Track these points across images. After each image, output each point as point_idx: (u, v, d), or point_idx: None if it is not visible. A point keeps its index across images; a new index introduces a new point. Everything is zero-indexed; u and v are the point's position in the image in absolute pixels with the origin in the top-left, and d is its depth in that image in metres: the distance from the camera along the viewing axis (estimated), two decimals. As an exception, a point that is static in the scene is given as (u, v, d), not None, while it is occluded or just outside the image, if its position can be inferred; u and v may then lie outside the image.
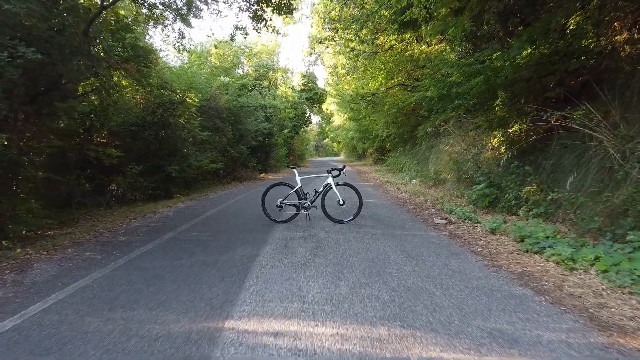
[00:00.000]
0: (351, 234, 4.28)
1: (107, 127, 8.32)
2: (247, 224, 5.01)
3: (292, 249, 3.63)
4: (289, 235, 4.25)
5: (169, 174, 8.68)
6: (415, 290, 2.51)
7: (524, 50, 4.43)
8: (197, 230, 4.72)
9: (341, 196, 4.91)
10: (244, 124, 13.55)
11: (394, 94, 12.73)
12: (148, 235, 4.49)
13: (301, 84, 26.23)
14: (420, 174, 10.65)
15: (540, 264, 3.02)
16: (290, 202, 5.03)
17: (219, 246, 3.82)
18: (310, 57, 22.03)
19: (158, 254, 3.60)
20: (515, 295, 2.39)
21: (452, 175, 8.30)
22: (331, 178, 4.93)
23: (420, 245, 3.74)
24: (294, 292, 2.49)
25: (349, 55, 11.05)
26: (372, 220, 5.09)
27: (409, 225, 4.83)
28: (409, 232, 4.35)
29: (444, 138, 9.85)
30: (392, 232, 4.34)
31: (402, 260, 3.21)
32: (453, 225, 4.74)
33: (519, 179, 5.16)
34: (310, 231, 4.46)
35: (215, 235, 4.34)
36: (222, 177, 13.33)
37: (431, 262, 3.15)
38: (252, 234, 4.40)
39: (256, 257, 3.39)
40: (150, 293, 2.56)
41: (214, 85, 11.13)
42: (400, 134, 14.69)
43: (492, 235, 4.06)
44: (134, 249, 3.83)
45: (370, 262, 3.17)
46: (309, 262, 3.20)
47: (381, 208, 6.34)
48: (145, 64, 6.35)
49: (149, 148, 8.92)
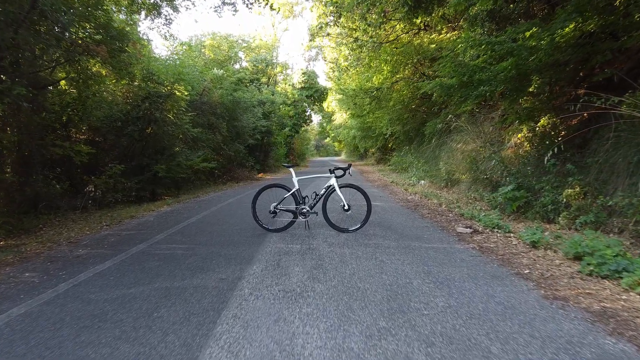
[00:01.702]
0: (359, 247, 3.50)
1: (86, 121, 7.57)
2: (235, 233, 4.23)
3: (285, 269, 2.85)
4: (283, 249, 3.47)
5: (155, 173, 7.91)
6: (460, 342, 1.72)
7: (568, 24, 3.64)
8: (174, 241, 3.94)
9: (346, 200, 4.13)
10: (240, 121, 12.77)
11: (400, 88, 11.94)
12: (113, 248, 3.71)
13: (301, 82, 25.42)
14: (429, 174, 9.86)
15: (621, 296, 2.23)
16: (286, 207, 4.25)
17: (193, 265, 3.04)
18: (311, 51, 21.21)
19: (113, 276, 2.82)
20: (613, 356, 1.61)
21: (467, 175, 7.51)
22: (334, 179, 4.15)
23: (447, 263, 2.96)
24: (283, 347, 1.71)
25: (352, 46, 10.26)
26: (383, 229, 4.30)
27: (427, 234, 4.04)
28: (430, 245, 3.56)
29: (456, 135, 9.06)
30: (409, 245, 3.55)
31: (430, 287, 2.43)
32: (480, 235, 3.95)
33: (556, 180, 4.37)
34: (310, 243, 3.68)
35: (193, 249, 3.56)
36: (217, 177, 12.57)
37: (469, 290, 2.37)
38: (238, 246, 3.62)
39: (239, 281, 2.61)
40: (74, 347, 1.78)
41: (207, 78, 10.34)
42: (406, 132, 13.89)
43: (534, 250, 3.27)
44: (88, 267, 3.05)
45: (387, 290, 2.39)
46: (307, 290, 2.42)
47: (391, 213, 5.56)
48: (120, 47, 5.57)
49: (133, 145, 8.16)
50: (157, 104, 7.93)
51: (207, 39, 16.69)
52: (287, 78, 26.65)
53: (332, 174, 4.17)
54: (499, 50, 3.87)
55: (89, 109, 7.29)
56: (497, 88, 4.48)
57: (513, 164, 5.99)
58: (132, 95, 8.20)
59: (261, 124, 14.71)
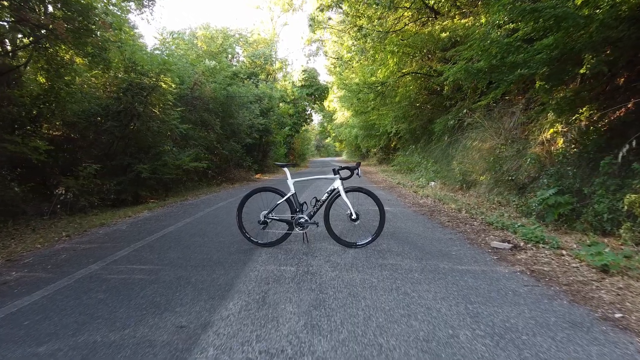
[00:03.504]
0: (372, 270, 2.69)
1: (60, 116, 6.76)
2: (215, 249, 3.42)
3: (273, 310, 2.04)
4: (273, 273, 2.66)
5: (138, 174, 7.10)
6: None
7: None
8: (137, 260, 3.13)
9: (353, 207, 3.32)
10: (236, 118, 11.96)
11: (406, 83, 11.13)
12: (56, 270, 2.90)
13: (302, 79, 24.59)
14: (439, 174, 9.04)
15: None
16: (279, 216, 3.44)
17: (148, 300, 2.23)
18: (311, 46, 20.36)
19: (30, 319, 2.01)
20: None
21: (486, 176, 6.70)
22: (339, 181, 3.34)
23: (497, 298, 2.14)
24: None
25: (356, 35, 9.45)
26: (398, 242, 3.49)
27: (454, 250, 3.23)
28: (463, 266, 2.75)
29: (470, 132, 8.25)
30: (436, 267, 2.74)
31: (488, 347, 1.61)
32: (524, 252, 3.14)
33: (613, 183, 3.55)
34: (308, 264, 2.87)
35: (157, 272, 2.75)
36: (211, 178, 11.77)
37: (547, 352, 1.55)
38: (215, 268, 2.81)
39: (203, 331, 1.80)
40: None
41: (198, 70, 9.53)
42: (412, 130, 13.08)
43: (608, 278, 2.45)
44: (5, 302, 2.25)
45: (424, 351, 1.58)
46: (303, 351, 1.61)
47: (403, 220, 4.75)
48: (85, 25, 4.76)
49: (114, 143, 7.36)
50: (140, 96, 7.13)
51: (199, 27, 15.81)
52: (287, 76, 25.83)
53: (336, 175, 3.36)
54: (547, 17, 3.04)
55: (62, 101, 6.49)
56: (538, 70, 3.66)
57: (544, 163, 5.18)
58: (114, 88, 7.41)
59: (259, 122, 13.89)
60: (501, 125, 7.22)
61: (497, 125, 7.33)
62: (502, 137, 6.85)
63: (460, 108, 8.57)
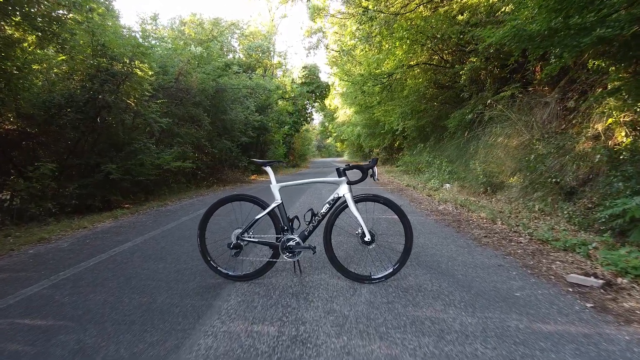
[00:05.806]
0: (401, 332, 1.63)
1: (14, 107, 5.74)
2: (166, 285, 2.37)
3: None
4: (240, 338, 1.60)
5: (107, 175, 6.06)
6: None
7: None
8: (41, 307, 2.08)
9: (367, 224, 2.26)
10: (229, 114, 10.92)
11: (416, 75, 10.07)
12: None
13: (302, 76, 23.53)
14: (456, 175, 7.97)
15: None
16: (258, 237, 2.39)
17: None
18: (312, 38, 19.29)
19: None
20: None
21: (518, 177, 5.63)
22: (346, 186, 2.29)
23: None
24: None
25: (362, 19, 8.42)
26: (429, 271, 2.44)
27: (516, 289, 2.17)
28: (547, 326, 1.69)
29: (493, 127, 7.18)
30: (504, 326, 1.68)
31: None
32: (627, 294, 2.07)
33: None
34: (299, 318, 1.81)
35: (47, 340, 1.70)
36: (201, 180, 10.73)
37: None
38: (146, 329, 1.75)
39: None
40: None
41: (183, 58, 8.49)
42: (421, 127, 12.01)
43: None
44: None
45: None
46: None
47: (426, 234, 3.70)
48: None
49: (80, 139, 6.33)
50: (109, 84, 6.09)
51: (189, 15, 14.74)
52: (287, 73, 24.79)
53: (342, 178, 2.31)
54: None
55: (14, 89, 5.47)
56: (623, 31, 2.61)
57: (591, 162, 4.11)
58: (80, 75, 6.38)
59: (254, 119, 12.85)
60: (532, 118, 6.15)
61: (527, 118, 6.27)
62: (536, 132, 5.78)
63: (479, 100, 7.51)
